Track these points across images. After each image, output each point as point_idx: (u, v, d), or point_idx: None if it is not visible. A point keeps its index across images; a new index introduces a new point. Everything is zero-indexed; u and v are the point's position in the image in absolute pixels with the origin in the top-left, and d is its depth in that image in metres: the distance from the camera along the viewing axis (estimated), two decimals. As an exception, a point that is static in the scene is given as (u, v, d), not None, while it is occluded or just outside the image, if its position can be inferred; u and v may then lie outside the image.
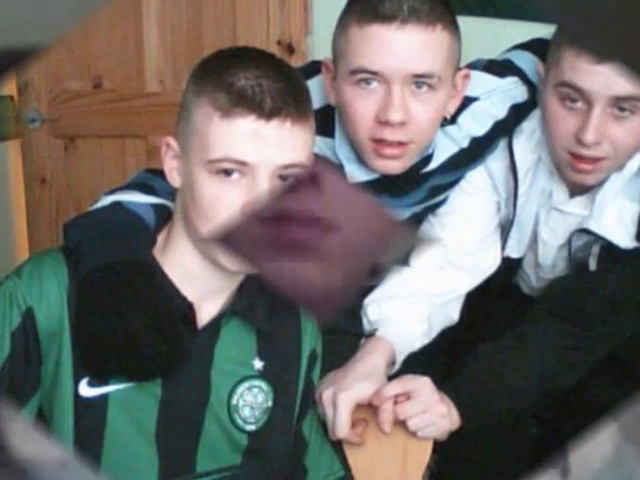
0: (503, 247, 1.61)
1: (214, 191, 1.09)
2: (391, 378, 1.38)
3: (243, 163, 1.08)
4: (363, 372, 1.36)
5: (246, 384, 1.22)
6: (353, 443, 1.35)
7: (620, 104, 1.35)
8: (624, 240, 1.49)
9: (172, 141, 1.15)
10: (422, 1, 1.30)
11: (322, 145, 1.44)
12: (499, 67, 1.54)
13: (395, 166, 1.40)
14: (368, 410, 1.34)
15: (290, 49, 2.42)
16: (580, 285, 1.54)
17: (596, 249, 1.54)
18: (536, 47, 1.54)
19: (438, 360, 1.67)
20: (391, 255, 0.94)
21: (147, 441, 1.15)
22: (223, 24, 2.46)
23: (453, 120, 1.48)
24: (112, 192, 1.25)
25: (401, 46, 1.30)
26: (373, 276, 1.16)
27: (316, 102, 1.26)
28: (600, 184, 1.48)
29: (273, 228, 0.89)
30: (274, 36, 2.43)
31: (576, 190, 1.53)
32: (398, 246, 0.93)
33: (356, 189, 1.03)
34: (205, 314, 1.19)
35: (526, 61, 1.53)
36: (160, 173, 1.22)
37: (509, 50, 1.60)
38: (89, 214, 1.22)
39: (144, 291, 1.10)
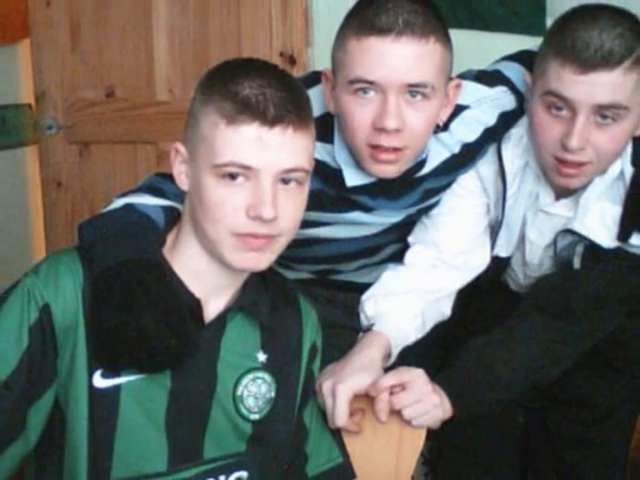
0: (492, 247, 1.61)
1: (220, 194, 1.09)
2: (387, 370, 1.38)
3: (247, 167, 1.08)
4: (361, 364, 1.35)
5: (250, 376, 1.22)
6: (351, 431, 1.35)
7: (603, 112, 1.35)
8: (606, 240, 1.49)
9: (181, 147, 1.15)
10: (416, 15, 1.30)
11: (322, 150, 1.44)
12: (489, 77, 1.54)
13: (391, 170, 1.40)
14: (365, 400, 1.34)
15: (292, 60, 2.42)
16: (565, 282, 1.54)
17: (580, 248, 1.54)
18: (524, 58, 1.54)
19: (431, 353, 1.67)
20: None
21: (157, 429, 1.15)
22: (228, 37, 2.46)
23: (445, 127, 1.48)
24: (124, 195, 1.25)
25: (396, 57, 1.29)
26: None
27: (316, 110, 1.26)
28: (584, 187, 1.48)
29: None
30: (276, 48, 2.43)
31: (561, 193, 1.53)
32: None
33: None
34: (212, 310, 1.19)
35: (514, 71, 1.53)
36: (169, 177, 1.22)
37: (498, 61, 1.60)
38: (102, 215, 1.22)
39: (154, 288, 1.10)
